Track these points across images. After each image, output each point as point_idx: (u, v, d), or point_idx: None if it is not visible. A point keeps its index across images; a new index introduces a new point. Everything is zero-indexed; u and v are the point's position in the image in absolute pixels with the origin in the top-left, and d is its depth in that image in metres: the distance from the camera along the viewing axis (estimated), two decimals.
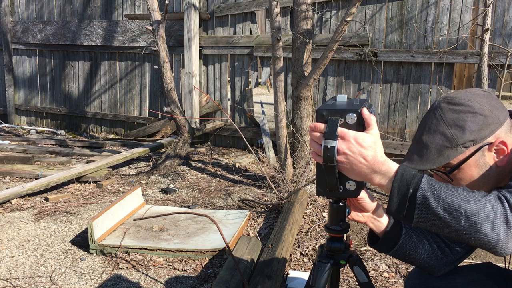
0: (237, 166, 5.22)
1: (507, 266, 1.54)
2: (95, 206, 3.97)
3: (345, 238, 1.33)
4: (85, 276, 2.78)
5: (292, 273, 2.77)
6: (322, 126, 1.09)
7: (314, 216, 3.62)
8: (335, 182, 1.11)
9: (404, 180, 1.06)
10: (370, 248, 2.80)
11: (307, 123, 4.40)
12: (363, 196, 1.31)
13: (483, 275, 1.48)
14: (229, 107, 6.21)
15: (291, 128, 4.53)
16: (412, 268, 1.77)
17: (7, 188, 4.34)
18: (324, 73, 5.44)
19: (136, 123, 6.91)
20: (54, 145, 6.33)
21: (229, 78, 6.22)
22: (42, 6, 7.46)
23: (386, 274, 2.76)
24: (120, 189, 4.48)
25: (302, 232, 3.37)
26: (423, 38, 4.96)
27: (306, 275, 2.71)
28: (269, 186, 4.23)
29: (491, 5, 4.09)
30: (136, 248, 3.01)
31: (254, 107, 6.16)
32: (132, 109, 6.95)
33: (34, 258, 3.00)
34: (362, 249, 3.12)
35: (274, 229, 3.15)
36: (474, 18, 4.64)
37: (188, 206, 3.96)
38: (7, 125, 7.78)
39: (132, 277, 2.77)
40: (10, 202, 3.95)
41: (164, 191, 4.38)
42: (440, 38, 4.89)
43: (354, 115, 1.08)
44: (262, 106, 6.06)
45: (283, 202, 3.74)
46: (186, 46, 6.09)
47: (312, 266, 2.64)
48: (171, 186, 4.58)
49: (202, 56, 6.24)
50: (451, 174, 1.22)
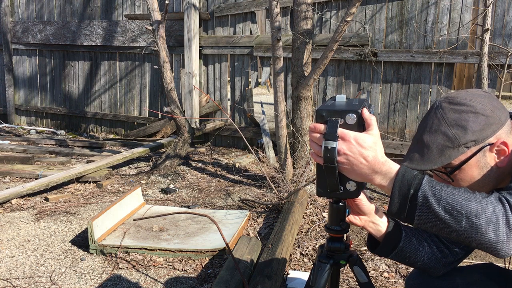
0: (237, 166, 5.22)
1: (508, 266, 1.54)
2: (95, 206, 3.97)
3: (345, 238, 1.33)
4: (85, 276, 2.79)
5: (292, 273, 2.77)
6: (322, 127, 1.09)
7: (314, 216, 3.62)
8: (336, 183, 1.11)
9: (405, 180, 1.05)
10: None
11: (307, 123, 4.40)
12: (361, 197, 1.30)
13: (484, 276, 1.47)
14: (229, 107, 6.21)
15: (291, 128, 4.53)
16: (412, 268, 1.77)
17: (7, 188, 4.34)
18: (324, 73, 5.44)
19: (136, 123, 6.92)
20: (54, 145, 6.33)
21: (229, 78, 6.22)
22: (42, 6, 7.46)
23: (386, 274, 2.76)
24: (120, 189, 4.48)
25: (302, 232, 3.37)
26: (423, 38, 4.96)
27: (306, 275, 2.71)
28: (269, 186, 4.23)
29: (491, 5, 4.09)
30: (136, 248, 3.01)
31: (254, 107, 6.16)
32: (132, 109, 6.95)
33: (34, 258, 3.00)
34: (362, 249, 3.12)
35: (274, 229, 3.15)
36: (474, 18, 4.64)
37: (188, 206, 3.96)
38: (7, 125, 7.78)
39: (132, 277, 2.77)
40: (10, 202, 3.95)
41: (164, 191, 4.38)
42: (440, 38, 4.89)
43: (354, 116, 1.08)
44: (262, 106, 6.06)
45: (283, 202, 3.74)
46: (186, 46, 6.09)
47: (312, 266, 2.65)
48: (171, 186, 4.58)
49: (202, 56, 6.24)
50: (452, 175, 1.21)
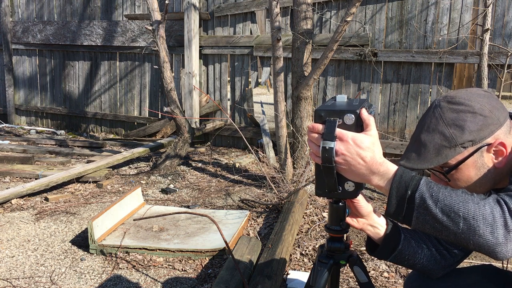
0: (237, 166, 5.22)
1: (506, 267, 1.54)
2: (95, 206, 3.97)
3: (345, 238, 1.33)
4: (85, 276, 2.79)
5: (292, 273, 2.77)
6: (320, 127, 1.09)
7: (314, 216, 3.62)
8: (334, 183, 1.11)
9: (402, 181, 1.05)
10: None
11: (307, 123, 4.40)
12: (359, 199, 1.30)
13: (484, 277, 1.47)
14: (229, 107, 6.21)
15: (291, 128, 4.53)
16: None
17: (7, 188, 4.33)
18: (324, 73, 5.44)
19: (136, 123, 6.92)
20: (54, 145, 6.33)
21: (229, 78, 6.22)
22: (42, 6, 7.46)
23: (386, 274, 2.76)
24: (120, 189, 4.48)
25: (302, 232, 3.37)
26: (423, 38, 4.96)
27: (306, 275, 2.71)
28: (269, 186, 4.23)
29: (491, 5, 4.08)
30: (136, 248, 3.01)
31: (254, 107, 6.16)
32: (132, 109, 6.95)
33: (34, 258, 3.00)
34: (362, 249, 3.12)
35: (274, 229, 3.15)
36: (474, 18, 4.64)
37: (188, 206, 3.96)
38: (7, 125, 7.78)
39: (132, 277, 2.77)
40: (10, 202, 3.95)
41: (164, 191, 4.38)
42: (440, 38, 4.88)
43: (352, 116, 1.08)
44: (262, 106, 6.06)
45: (283, 202, 3.74)
46: (186, 46, 6.09)
47: (312, 266, 2.65)
48: (171, 186, 4.58)
49: (202, 56, 6.24)
50: (449, 174, 1.21)
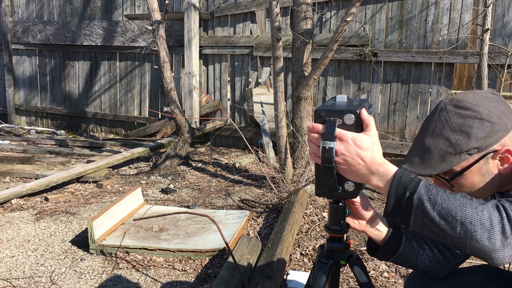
0: (237, 166, 5.22)
1: (508, 267, 1.53)
2: (95, 206, 3.97)
3: (345, 238, 1.33)
4: (85, 276, 2.78)
5: (292, 273, 2.77)
6: (320, 127, 1.08)
7: (314, 216, 3.62)
8: (334, 183, 1.11)
9: (401, 183, 1.04)
10: None
11: (307, 123, 4.40)
12: (359, 199, 1.30)
13: (484, 277, 1.47)
14: (229, 107, 6.21)
15: (291, 128, 4.53)
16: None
17: (7, 188, 4.33)
18: (324, 73, 5.44)
19: (136, 123, 6.91)
20: (54, 145, 6.33)
21: (229, 78, 6.22)
22: (42, 6, 7.46)
23: (386, 274, 2.76)
24: (120, 189, 4.48)
25: (302, 232, 3.37)
26: (423, 38, 4.96)
27: (306, 275, 2.71)
28: (269, 186, 4.23)
29: (491, 5, 4.08)
30: (136, 248, 3.01)
31: (254, 107, 6.16)
32: (132, 109, 6.95)
33: (34, 258, 3.00)
34: (362, 249, 3.12)
35: (274, 229, 3.15)
36: (474, 18, 4.64)
37: (188, 206, 3.96)
38: (7, 125, 7.77)
39: (132, 277, 2.77)
40: (10, 202, 3.95)
41: (164, 191, 4.38)
42: (440, 38, 4.88)
43: (352, 116, 1.07)
44: (262, 106, 6.06)
45: (283, 202, 3.74)
46: (186, 46, 6.09)
47: (312, 266, 2.65)
48: (171, 186, 4.58)
49: (202, 56, 6.24)
50: (452, 180, 1.19)
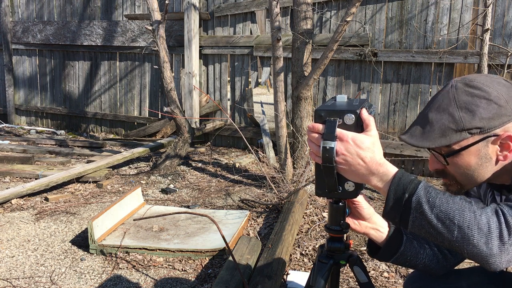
0: (237, 166, 5.22)
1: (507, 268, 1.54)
2: (95, 206, 3.97)
3: (345, 238, 1.33)
4: (85, 276, 2.78)
5: (292, 273, 2.77)
6: (320, 127, 1.08)
7: (314, 216, 3.61)
8: (334, 183, 1.11)
9: (401, 184, 1.04)
10: None
11: (307, 123, 4.40)
12: (360, 201, 1.29)
13: (484, 278, 1.47)
14: (229, 107, 6.21)
15: (291, 128, 4.53)
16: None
17: (7, 188, 4.33)
18: (324, 73, 5.44)
19: (136, 123, 6.91)
20: (54, 145, 6.33)
21: (229, 78, 6.22)
22: (42, 6, 7.46)
23: (386, 274, 2.76)
24: (120, 189, 4.48)
25: (302, 232, 3.37)
26: (423, 38, 4.96)
27: (306, 275, 2.71)
28: (269, 186, 4.23)
29: (491, 5, 4.08)
30: (136, 248, 3.01)
31: (254, 107, 6.16)
32: (132, 109, 6.95)
33: (34, 258, 3.00)
34: (362, 249, 3.12)
35: (274, 229, 3.15)
36: (474, 18, 4.64)
37: (188, 206, 3.96)
38: (7, 125, 7.77)
39: (132, 277, 2.77)
40: (10, 202, 3.95)
41: (164, 191, 4.38)
42: (440, 38, 4.88)
43: (353, 116, 1.07)
44: (262, 106, 6.06)
45: (283, 202, 3.74)
46: (186, 46, 6.09)
47: (312, 266, 2.65)
48: (171, 186, 4.58)
49: (202, 56, 6.24)
50: (448, 158, 1.17)
